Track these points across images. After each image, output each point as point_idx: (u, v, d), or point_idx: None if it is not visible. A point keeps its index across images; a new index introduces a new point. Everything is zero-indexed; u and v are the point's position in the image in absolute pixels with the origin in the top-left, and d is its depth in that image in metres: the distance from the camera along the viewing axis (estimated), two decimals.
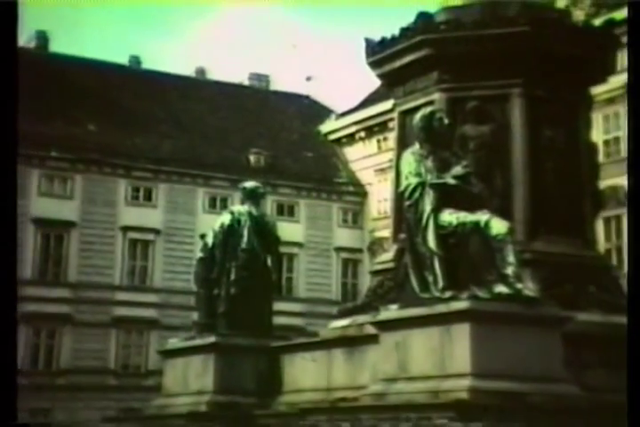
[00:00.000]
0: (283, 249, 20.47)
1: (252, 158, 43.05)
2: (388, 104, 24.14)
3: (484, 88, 14.24)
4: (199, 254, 17.09)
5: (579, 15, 15.47)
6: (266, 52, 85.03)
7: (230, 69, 56.60)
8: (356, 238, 44.39)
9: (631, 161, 5.65)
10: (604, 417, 9.23)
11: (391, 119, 18.16)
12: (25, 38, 45.79)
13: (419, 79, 14.82)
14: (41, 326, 39.10)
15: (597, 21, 15.36)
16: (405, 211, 11.93)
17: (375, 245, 38.96)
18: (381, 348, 11.96)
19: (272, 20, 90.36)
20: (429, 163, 11.79)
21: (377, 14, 65.37)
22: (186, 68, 48.97)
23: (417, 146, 12.18)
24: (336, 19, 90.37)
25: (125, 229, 41.09)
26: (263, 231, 16.71)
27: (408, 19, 14.91)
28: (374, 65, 15.50)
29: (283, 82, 51.58)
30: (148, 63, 48.07)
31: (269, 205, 35.62)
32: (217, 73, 49.79)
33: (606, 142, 31.09)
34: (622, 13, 28.87)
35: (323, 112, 48.92)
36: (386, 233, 23.11)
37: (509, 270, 11.08)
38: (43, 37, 45.72)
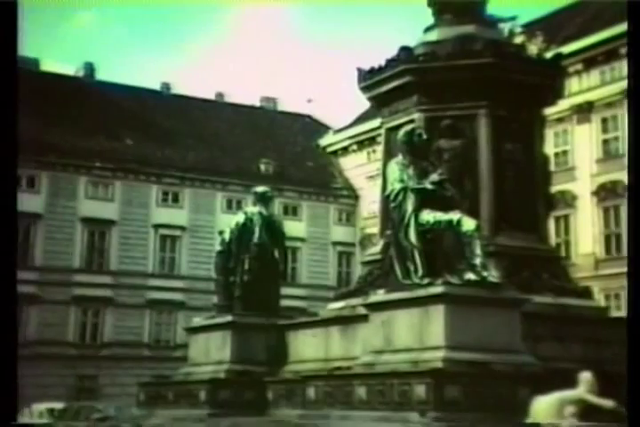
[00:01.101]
0: (288, 243, 20.41)
1: (262, 167, 42.93)
2: (376, 122, 24.09)
3: (455, 109, 14.22)
4: (218, 248, 17.04)
5: (533, 49, 15.38)
6: (274, 77, 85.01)
7: (244, 93, 57.38)
8: (350, 234, 44.32)
9: (631, 161, 5.16)
10: (555, 382, 9.19)
11: (379, 135, 18.07)
12: (75, 69, 45.94)
13: (401, 101, 14.80)
14: (87, 307, 39.09)
15: (548, 55, 15.28)
16: (391, 211, 11.91)
17: (365, 240, 38.89)
18: (370, 325, 11.96)
19: (280, 47, 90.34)
20: (411, 171, 11.76)
21: (370, 45, 65.36)
22: (207, 93, 48.61)
23: (400, 157, 12.15)
24: (334, 47, 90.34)
25: (157, 226, 41.00)
26: (272, 228, 16.67)
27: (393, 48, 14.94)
28: (365, 90, 15.50)
29: (288, 103, 51.19)
30: (177, 88, 47.86)
31: (277, 207, 35.37)
32: (233, 96, 49.54)
33: (556, 154, 31.00)
34: (569, 48, 29.05)
35: (321, 129, 48.82)
36: (374, 230, 23.05)
37: (477, 261, 11.09)
38: (90, 68, 45.68)
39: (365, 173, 41.66)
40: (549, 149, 17.35)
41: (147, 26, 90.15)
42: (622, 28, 32.09)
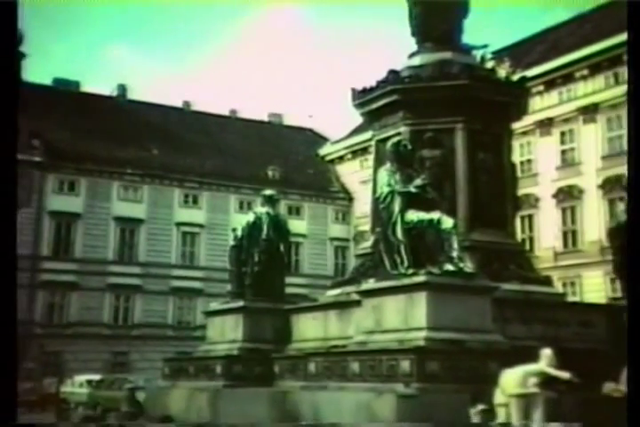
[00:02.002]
0: (291, 239, 20.35)
1: (269, 173, 42.87)
2: (367, 135, 24.01)
3: (436, 123, 14.18)
4: (232, 243, 16.99)
5: (501, 73, 15.33)
6: (281, 95, 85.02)
7: (254, 109, 57.31)
8: (345, 231, 44.29)
9: (631, 163, 5.01)
10: (520, 357, 9.21)
11: (370, 145, 18.01)
12: (110, 90, 45.95)
13: (389, 117, 14.76)
14: (120, 293, 39.02)
15: (515, 77, 15.28)
16: (380, 211, 11.89)
17: (358, 236, 38.85)
18: (363, 309, 11.94)
19: (286, 69, 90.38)
20: (397, 177, 11.74)
21: (365, 66, 65.52)
22: (222, 109, 48.55)
23: (388, 165, 12.13)
24: (332, 70, 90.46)
25: (179, 224, 40.94)
26: (278, 226, 16.63)
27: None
28: (358, 106, 15.44)
29: (292, 118, 51.17)
30: (196, 106, 47.81)
31: (282, 207, 35.27)
32: (245, 112, 49.53)
33: (522, 163, 30.81)
34: (532, 72, 28.93)
35: (320, 140, 48.78)
36: (366, 227, 23.08)
37: (454, 254, 11.09)
38: (122, 88, 45.73)
39: (358, 179, 41.62)
40: (516, 158, 17.21)
41: (170, 51, 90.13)
42: (578, 54, 32.25)
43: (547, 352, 8.99)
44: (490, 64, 15.06)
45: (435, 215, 11.31)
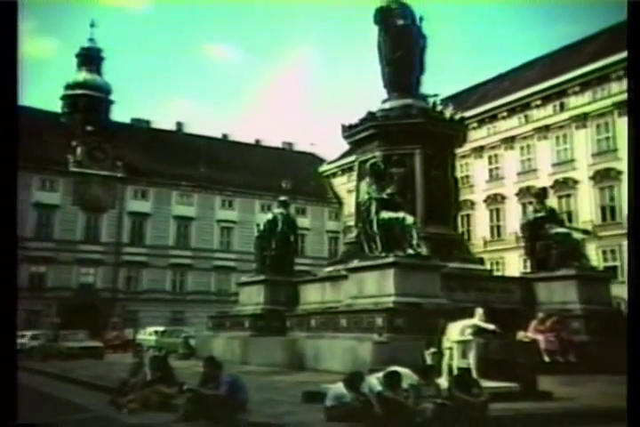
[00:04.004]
0: (299, 231, 20.30)
1: (283, 185, 42.63)
2: (352, 157, 23.92)
3: (401, 149, 14.15)
4: (256, 234, 16.98)
5: (447, 113, 15.29)
6: (292, 129, 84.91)
7: (273, 139, 57.64)
8: (337, 226, 44.13)
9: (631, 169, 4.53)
10: (460, 314, 9.14)
11: (354, 165, 17.99)
12: (169, 125, 45.85)
13: (368, 145, 14.73)
14: (177, 270, 38.73)
15: (456, 117, 15.23)
16: (361, 212, 11.88)
17: (346, 230, 38.64)
18: (350, 282, 11.91)
19: (297, 108, 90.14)
20: (374, 187, 11.72)
21: (356, 104, 65.31)
22: (250, 139, 48.33)
23: (367, 179, 12.11)
24: (328, 109, 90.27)
25: (219, 221, 40.75)
26: (289, 222, 16.61)
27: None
28: (346, 137, 15.40)
29: (300, 146, 50.88)
30: (232, 137, 47.55)
31: (292, 209, 35.23)
32: (266, 141, 49.33)
33: (462, 178, 30.68)
34: (468, 113, 28.78)
35: (320, 161, 48.59)
36: (351, 223, 23.01)
37: (414, 242, 11.06)
38: (180, 125, 45.62)
39: (346, 189, 41.59)
40: (458, 174, 16.91)
41: (214, 98, 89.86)
42: (500, 101, 32.29)
43: (479, 311, 8.96)
44: (439, 108, 15.04)
45: (400, 215, 11.30)
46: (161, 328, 25.99)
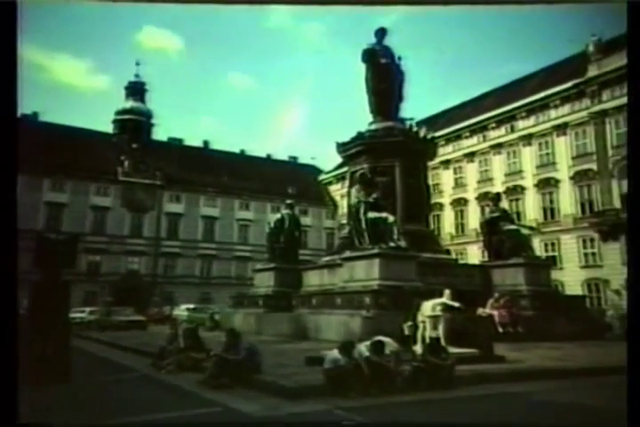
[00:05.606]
0: (302, 228, 20.19)
1: (289, 190, 42.59)
2: (345, 168, 23.83)
3: (384, 162, 14.11)
4: (268, 231, 16.96)
5: (421, 133, 15.27)
6: (296, 145, 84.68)
7: (281, 153, 57.10)
8: (333, 224, 44.10)
9: (631, 170, 4.00)
10: (432, 295, 9.13)
11: (346, 175, 17.95)
12: (197, 142, 45.66)
13: (357, 159, 14.68)
14: (205, 259, 38.45)
15: (428, 136, 15.22)
16: (352, 213, 11.88)
17: (340, 227, 38.56)
18: (344, 269, 11.88)
19: (302, 126, 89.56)
20: (362, 193, 11.71)
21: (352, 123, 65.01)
22: (262, 154, 48.18)
23: (357, 186, 12.10)
24: (326, 127, 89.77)
25: (238, 220, 40.70)
26: (294, 221, 16.57)
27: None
28: (340, 152, 15.34)
29: (303, 159, 50.63)
30: (249, 152, 47.35)
31: (297, 210, 35.15)
32: (276, 155, 49.19)
33: (433, 185, 30.49)
34: (438, 133, 28.80)
35: (319, 172, 48.41)
36: (344, 222, 22.95)
37: (395, 237, 11.04)
38: (206, 142, 45.56)
39: (340, 194, 41.50)
40: (430, 182, 16.69)
41: (234, 119, 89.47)
42: (463, 124, 32.26)
43: (447, 292, 8.96)
44: (414, 129, 15.03)
45: (384, 215, 11.31)
46: (192, 306, 25.91)
